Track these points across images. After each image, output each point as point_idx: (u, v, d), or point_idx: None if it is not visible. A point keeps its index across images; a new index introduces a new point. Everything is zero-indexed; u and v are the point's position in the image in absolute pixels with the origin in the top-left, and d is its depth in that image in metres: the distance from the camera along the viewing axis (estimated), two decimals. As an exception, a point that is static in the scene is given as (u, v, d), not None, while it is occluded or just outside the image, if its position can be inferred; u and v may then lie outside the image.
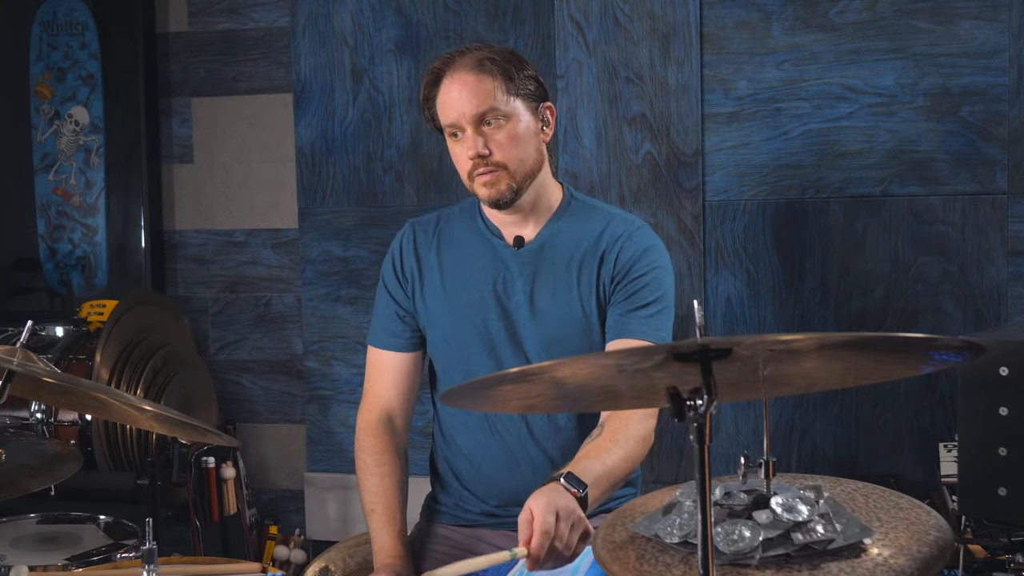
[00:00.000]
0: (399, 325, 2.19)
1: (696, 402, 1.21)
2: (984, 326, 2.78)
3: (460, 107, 2.01)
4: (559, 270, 2.10)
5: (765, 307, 2.91)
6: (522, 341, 2.10)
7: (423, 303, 2.16)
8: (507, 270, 2.11)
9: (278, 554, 3.21)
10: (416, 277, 2.17)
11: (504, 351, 2.10)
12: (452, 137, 2.06)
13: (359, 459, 2.17)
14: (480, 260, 2.13)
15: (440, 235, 2.19)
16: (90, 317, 3.22)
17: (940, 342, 1.23)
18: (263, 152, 3.42)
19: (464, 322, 2.11)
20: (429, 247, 2.18)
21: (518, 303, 2.10)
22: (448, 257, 2.16)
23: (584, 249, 2.11)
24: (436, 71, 2.06)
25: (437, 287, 2.15)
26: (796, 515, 1.34)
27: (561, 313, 2.09)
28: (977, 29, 2.75)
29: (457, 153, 2.06)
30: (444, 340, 2.14)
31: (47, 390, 1.81)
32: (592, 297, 2.09)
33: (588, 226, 2.13)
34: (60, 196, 3.52)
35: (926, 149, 2.80)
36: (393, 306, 2.19)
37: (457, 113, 2.02)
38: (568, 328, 2.09)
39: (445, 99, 2.04)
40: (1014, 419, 1.85)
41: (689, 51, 2.88)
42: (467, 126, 2.02)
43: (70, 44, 3.49)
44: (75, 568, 2.34)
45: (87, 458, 2.86)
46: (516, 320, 2.10)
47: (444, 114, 2.04)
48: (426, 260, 2.17)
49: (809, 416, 2.90)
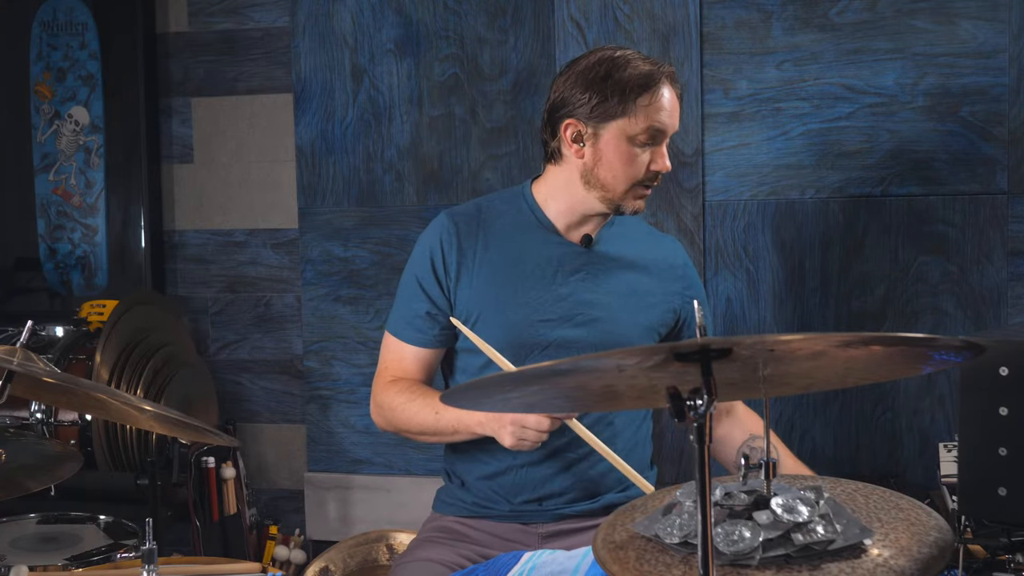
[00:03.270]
0: (427, 323, 2.14)
1: (696, 402, 1.21)
2: (984, 326, 2.78)
3: (673, 119, 2.08)
4: (631, 276, 2.15)
5: (765, 307, 2.91)
6: (577, 341, 2.10)
7: (468, 297, 2.12)
8: (569, 267, 2.13)
9: (278, 554, 3.21)
10: (457, 271, 2.13)
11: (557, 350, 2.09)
12: (639, 141, 2.05)
13: (392, 406, 2.13)
14: (539, 256, 2.13)
15: (486, 227, 2.15)
16: (90, 317, 3.22)
17: (940, 342, 1.23)
18: (263, 152, 3.42)
19: (518, 318, 2.10)
20: (474, 239, 2.14)
21: (580, 302, 2.11)
22: (498, 251, 2.13)
23: (652, 260, 2.20)
24: (653, 71, 2.05)
25: (486, 281, 2.11)
26: (796, 516, 1.34)
27: (628, 317, 2.13)
28: (977, 29, 2.75)
29: (637, 158, 2.06)
30: (493, 336, 2.09)
31: (47, 390, 1.81)
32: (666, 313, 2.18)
33: (638, 236, 2.22)
34: (60, 196, 3.52)
35: (926, 149, 2.80)
36: (425, 304, 2.14)
37: (671, 124, 2.07)
38: (632, 331, 2.13)
39: (662, 104, 2.05)
40: (1014, 419, 1.85)
41: (689, 51, 2.88)
42: (665, 140, 2.07)
43: (70, 44, 3.49)
44: (75, 568, 2.34)
45: (87, 458, 2.85)
46: (575, 320, 2.11)
47: (656, 116, 2.04)
48: (470, 253, 2.13)
49: (809, 416, 2.90)
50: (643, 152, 2.06)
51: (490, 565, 1.92)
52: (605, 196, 2.09)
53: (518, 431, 1.94)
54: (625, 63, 2.05)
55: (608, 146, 2.06)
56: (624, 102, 2.03)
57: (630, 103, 2.03)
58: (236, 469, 3.09)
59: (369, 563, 2.20)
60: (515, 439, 1.95)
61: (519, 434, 1.94)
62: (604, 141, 2.06)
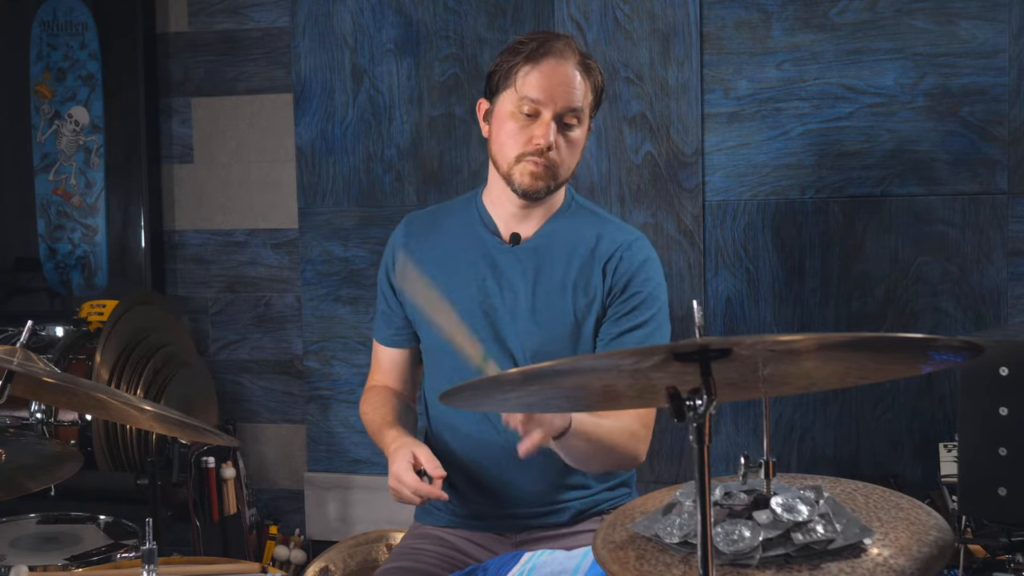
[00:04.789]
0: (385, 322, 2.22)
1: (696, 402, 1.21)
2: (984, 326, 2.78)
3: (552, 92, 1.99)
4: (555, 272, 2.08)
5: (765, 307, 2.91)
6: (507, 342, 2.07)
7: (410, 298, 2.12)
8: (498, 267, 2.09)
9: (278, 554, 3.21)
10: (403, 272, 2.13)
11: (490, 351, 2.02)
12: (519, 114, 2.01)
13: (361, 413, 2.22)
14: (469, 255, 2.11)
15: (435, 229, 2.17)
16: (90, 317, 3.22)
17: (940, 342, 1.23)
18: (263, 152, 3.42)
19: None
20: (421, 241, 2.16)
21: (507, 302, 2.07)
22: (438, 252, 2.13)
23: (582, 254, 2.08)
24: (537, 48, 2.01)
25: (426, 282, 2.08)
26: (796, 515, 1.34)
27: (553, 316, 2.06)
28: (977, 29, 2.75)
29: (515, 131, 2.01)
30: (430, 337, 2.12)
31: (47, 390, 1.81)
32: (587, 305, 2.07)
33: (586, 231, 2.10)
34: (60, 196, 3.52)
35: (926, 149, 2.80)
36: (383, 304, 2.22)
37: (546, 96, 1.99)
38: (558, 331, 2.06)
39: (539, 77, 1.99)
40: (1014, 419, 1.85)
41: (689, 51, 2.88)
42: (547, 113, 1.99)
43: (70, 44, 3.49)
44: (75, 568, 2.34)
45: (87, 458, 2.86)
46: (502, 320, 2.07)
47: (529, 88, 1.99)
48: (416, 255, 2.13)
49: (809, 416, 2.90)
50: (526, 126, 2.01)
51: (490, 565, 1.92)
52: (502, 175, 2.05)
53: (394, 486, 1.98)
54: (528, 39, 2.03)
55: (498, 119, 2.05)
56: (509, 72, 2.02)
57: (513, 73, 2.01)
58: (236, 469, 3.09)
59: (369, 563, 2.20)
60: (393, 494, 1.99)
61: (394, 487, 1.97)
62: (496, 115, 2.05)
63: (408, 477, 1.93)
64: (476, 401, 1.49)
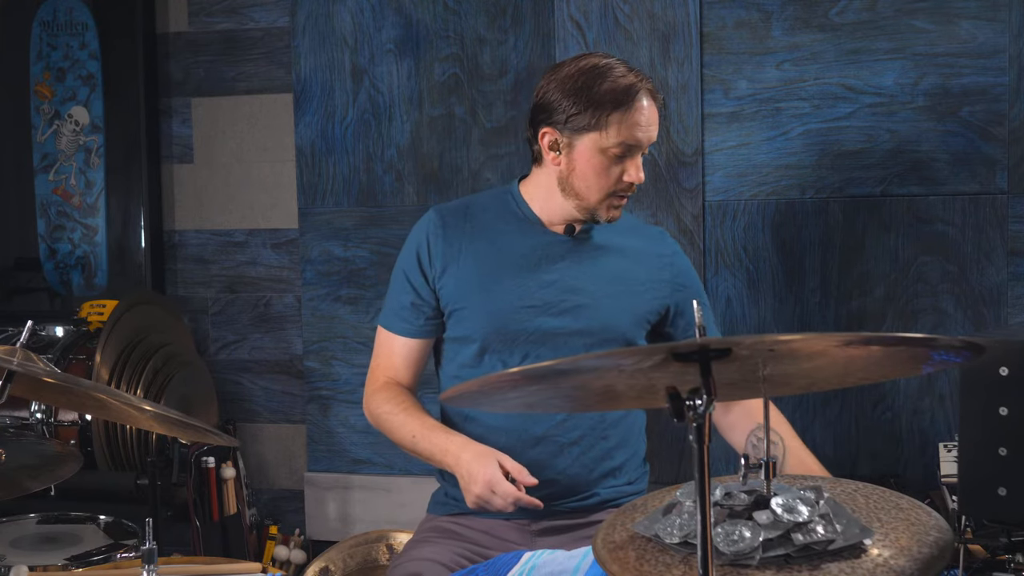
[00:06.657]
0: (413, 313, 2.20)
1: (695, 402, 1.21)
2: (984, 326, 2.78)
3: (649, 132, 2.08)
4: (617, 263, 2.17)
5: (765, 307, 2.91)
6: (563, 328, 2.12)
7: (453, 287, 2.16)
8: (554, 255, 2.15)
9: (278, 554, 3.22)
10: (443, 262, 2.17)
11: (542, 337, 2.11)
12: (612, 154, 2.06)
13: (377, 413, 2.19)
14: (524, 245, 2.16)
15: (473, 220, 2.19)
16: (90, 317, 3.22)
17: (940, 342, 1.23)
18: (263, 152, 3.42)
19: (502, 306, 2.12)
20: (460, 231, 2.18)
21: (565, 289, 2.13)
22: (484, 242, 2.16)
23: (638, 248, 2.21)
24: (632, 84, 2.05)
25: (471, 271, 2.15)
26: (796, 516, 1.34)
27: (614, 303, 2.14)
28: (977, 29, 2.75)
29: (604, 169, 2.07)
30: (479, 325, 2.14)
31: (47, 390, 1.81)
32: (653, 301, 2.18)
33: (624, 226, 2.22)
34: (60, 196, 3.52)
35: (926, 149, 2.80)
36: (410, 295, 2.20)
37: (646, 137, 2.08)
38: (620, 318, 2.14)
39: (636, 119, 2.05)
40: (1014, 419, 1.85)
41: (689, 51, 2.88)
42: (638, 154, 2.08)
43: (70, 44, 3.49)
44: (75, 568, 2.34)
45: (87, 458, 2.86)
46: (559, 306, 2.12)
47: (631, 130, 2.05)
48: (456, 244, 2.17)
49: (809, 416, 2.90)
50: (617, 164, 2.07)
51: (490, 565, 1.92)
52: (580, 204, 2.12)
53: (486, 495, 1.96)
54: (603, 76, 2.05)
55: (582, 157, 2.08)
56: (597, 116, 2.04)
57: (603, 118, 2.04)
58: (236, 469, 3.08)
59: (369, 563, 2.20)
60: (479, 502, 1.97)
61: (486, 497, 1.96)
62: (578, 152, 2.08)
63: (506, 487, 1.94)
64: (477, 401, 1.49)
